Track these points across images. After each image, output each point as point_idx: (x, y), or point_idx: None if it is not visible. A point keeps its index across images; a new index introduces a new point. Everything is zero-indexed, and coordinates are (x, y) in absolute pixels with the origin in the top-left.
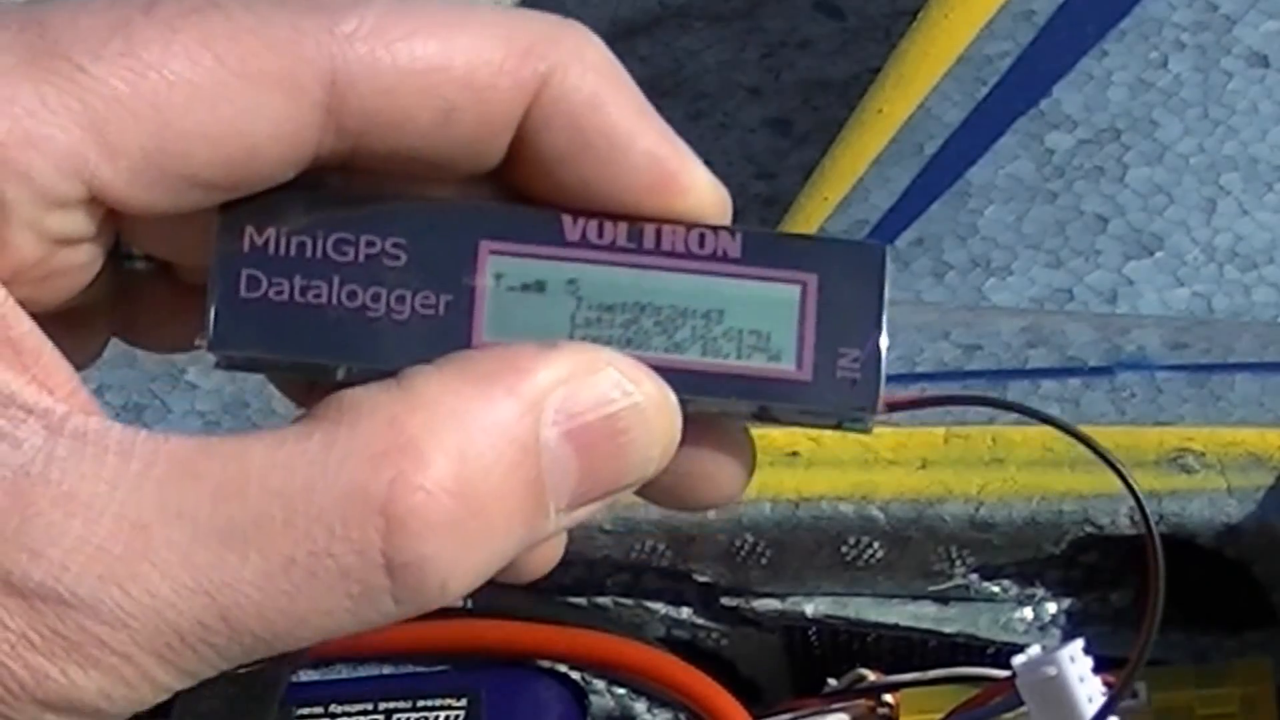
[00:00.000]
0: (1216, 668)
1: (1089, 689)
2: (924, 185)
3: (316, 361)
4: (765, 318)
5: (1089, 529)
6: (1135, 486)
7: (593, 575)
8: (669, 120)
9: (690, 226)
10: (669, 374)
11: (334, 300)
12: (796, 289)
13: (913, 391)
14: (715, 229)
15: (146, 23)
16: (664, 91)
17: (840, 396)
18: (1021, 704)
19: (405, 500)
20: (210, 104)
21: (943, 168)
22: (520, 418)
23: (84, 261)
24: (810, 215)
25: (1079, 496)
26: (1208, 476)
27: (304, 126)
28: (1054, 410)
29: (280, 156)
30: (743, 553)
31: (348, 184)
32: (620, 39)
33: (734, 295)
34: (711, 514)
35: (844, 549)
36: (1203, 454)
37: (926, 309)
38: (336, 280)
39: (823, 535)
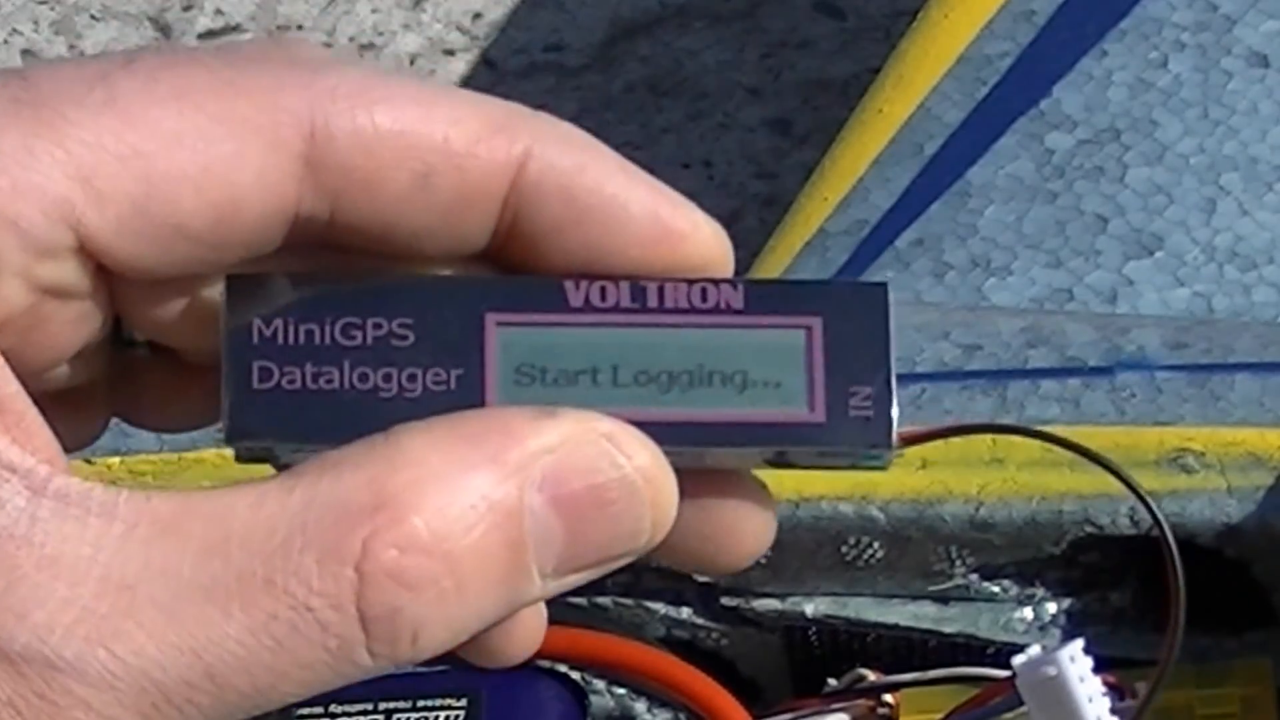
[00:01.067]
0: (1216, 668)
1: (1089, 689)
2: (924, 185)
3: (332, 446)
4: (773, 364)
5: (1089, 529)
6: (1147, 498)
7: None
8: (669, 120)
9: (692, 281)
10: (681, 429)
11: (346, 384)
12: (802, 333)
13: (927, 425)
14: (717, 282)
15: (127, 74)
16: (664, 91)
17: (855, 435)
18: (1021, 704)
19: (378, 557)
20: (193, 150)
21: (943, 168)
22: (504, 481)
23: (74, 317)
24: (810, 215)
25: (1079, 496)
26: (1208, 476)
27: (285, 177)
28: (1054, 410)
29: (263, 207)
30: None
31: (349, 269)
32: (620, 39)
33: (741, 346)
34: None
35: (844, 549)
36: (1203, 454)
37: (926, 309)
38: (347, 364)
39: (823, 535)
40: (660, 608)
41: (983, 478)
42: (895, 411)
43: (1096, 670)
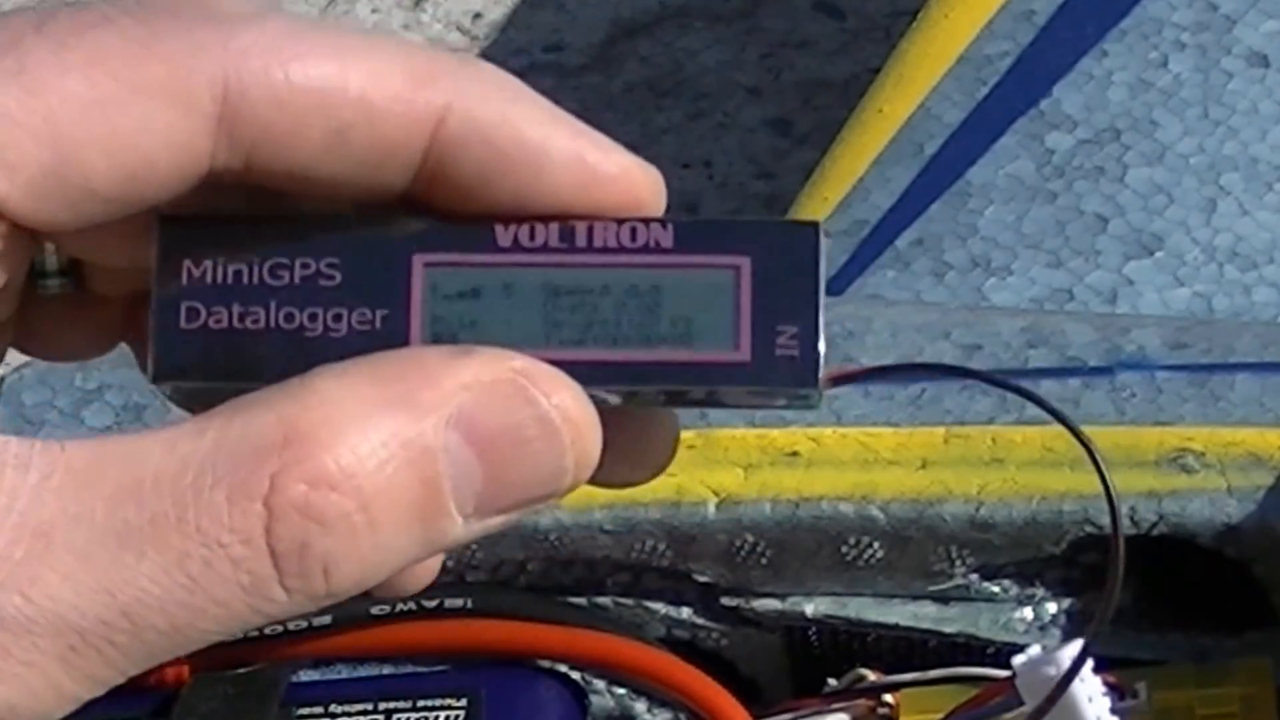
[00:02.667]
0: (1216, 668)
1: (1089, 689)
2: (924, 185)
3: (257, 385)
4: (701, 304)
5: (1089, 529)
6: (1087, 442)
7: (593, 575)
8: (669, 120)
9: (622, 221)
10: (610, 367)
11: (272, 323)
12: (730, 273)
13: (856, 366)
14: (647, 221)
15: (38, 41)
16: (664, 91)
17: (781, 375)
18: (1021, 704)
19: (286, 492)
20: (103, 117)
21: (943, 168)
22: (418, 419)
23: None
24: (810, 215)
25: (1079, 496)
26: (1208, 476)
27: (196, 137)
28: None
29: (176, 167)
30: (743, 553)
31: (280, 211)
32: (620, 39)
33: (669, 284)
34: (711, 514)
35: (844, 549)
36: (1203, 454)
37: (926, 309)
38: (273, 304)
39: (823, 535)
40: (660, 608)
41: (983, 478)
42: (822, 350)
43: (1096, 670)
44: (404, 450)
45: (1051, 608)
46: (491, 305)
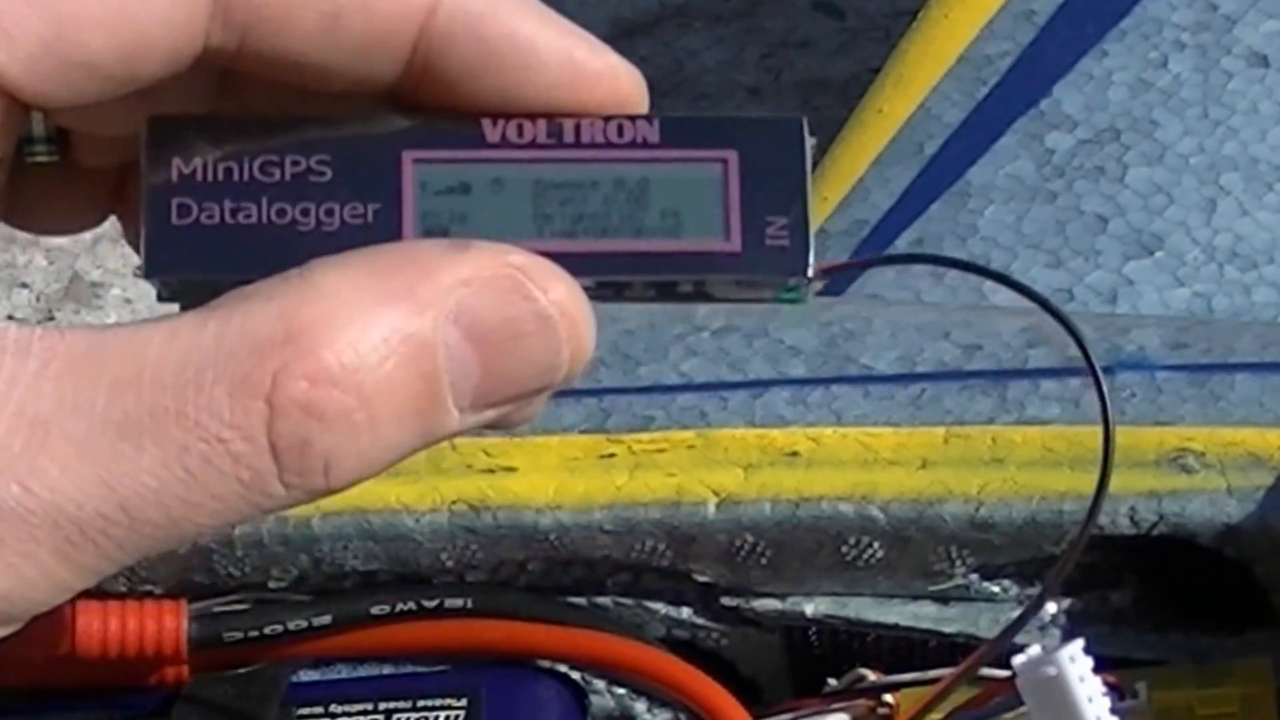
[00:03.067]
0: (1216, 668)
1: (1089, 689)
2: (924, 185)
3: (250, 278)
4: (690, 196)
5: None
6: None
7: (593, 575)
8: None
9: (609, 118)
10: (600, 258)
11: (264, 218)
12: (718, 166)
13: (843, 259)
14: (634, 118)
15: None
16: (664, 91)
17: (772, 263)
18: (1021, 704)
19: (288, 389)
20: None
21: (943, 168)
22: (418, 314)
23: None
24: (810, 216)
25: (1079, 496)
26: (1208, 476)
27: (194, 15)
28: (1054, 410)
29: (172, 45)
30: (743, 553)
31: (268, 110)
32: (620, 39)
33: (658, 178)
34: (711, 514)
35: (844, 549)
36: (1203, 454)
37: (926, 309)
38: (265, 200)
39: (823, 535)
40: (660, 608)
41: (983, 478)
42: (812, 240)
43: (1096, 670)
44: (404, 346)
45: (1051, 608)
46: (481, 200)
